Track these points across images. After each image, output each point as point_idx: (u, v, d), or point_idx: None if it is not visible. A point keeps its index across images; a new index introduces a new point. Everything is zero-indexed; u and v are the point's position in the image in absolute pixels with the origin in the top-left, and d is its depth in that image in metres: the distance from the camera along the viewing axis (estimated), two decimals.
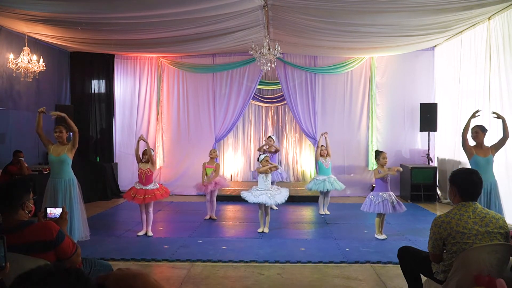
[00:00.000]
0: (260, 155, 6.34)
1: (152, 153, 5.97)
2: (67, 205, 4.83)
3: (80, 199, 5.18)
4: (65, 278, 0.98)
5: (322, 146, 7.32)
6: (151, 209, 5.95)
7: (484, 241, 2.61)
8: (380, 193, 5.63)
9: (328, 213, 7.39)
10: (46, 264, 1.02)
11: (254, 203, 6.07)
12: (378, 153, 5.82)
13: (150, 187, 5.81)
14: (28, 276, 0.97)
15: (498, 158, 5.25)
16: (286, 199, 6.19)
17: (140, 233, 5.92)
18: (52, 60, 8.62)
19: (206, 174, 6.87)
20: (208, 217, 6.98)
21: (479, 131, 5.13)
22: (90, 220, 6.94)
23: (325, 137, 7.30)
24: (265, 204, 6.00)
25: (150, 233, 5.93)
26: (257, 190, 6.02)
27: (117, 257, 4.89)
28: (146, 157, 5.87)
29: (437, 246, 2.77)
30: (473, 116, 5.28)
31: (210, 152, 7.00)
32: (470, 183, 2.76)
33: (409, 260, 3.16)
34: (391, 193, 5.70)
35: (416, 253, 3.14)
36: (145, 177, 5.82)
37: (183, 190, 9.09)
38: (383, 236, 5.69)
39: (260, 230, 6.12)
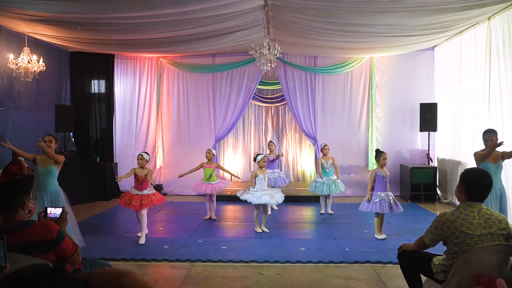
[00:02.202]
0: (257, 155, 6.27)
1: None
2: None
3: (68, 208, 4.92)
4: (50, 278, 0.98)
5: (325, 145, 7.23)
6: (144, 212, 5.64)
7: (486, 242, 2.61)
8: (378, 193, 5.62)
9: (331, 212, 7.35)
10: (31, 265, 1.02)
11: (252, 204, 6.05)
12: (378, 153, 5.75)
13: (146, 192, 5.61)
14: (12, 278, 0.97)
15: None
16: (283, 198, 6.24)
17: (140, 234, 5.78)
18: (52, 60, 8.62)
19: (205, 174, 6.84)
20: (208, 217, 6.96)
21: (494, 137, 4.94)
22: (90, 220, 6.96)
23: (335, 165, 7.23)
24: (263, 205, 6.00)
25: (142, 241, 5.53)
26: (257, 191, 5.99)
27: (117, 257, 4.89)
28: (141, 163, 5.72)
29: (435, 241, 2.78)
30: (498, 145, 4.80)
31: (206, 152, 6.95)
32: (479, 185, 2.74)
33: (409, 260, 3.16)
34: (390, 193, 5.68)
35: (416, 253, 3.13)
36: (142, 183, 5.64)
37: (183, 190, 9.08)
38: (382, 236, 5.68)
39: (258, 230, 6.09)
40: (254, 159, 6.30)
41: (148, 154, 5.96)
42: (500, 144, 4.81)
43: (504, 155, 5.02)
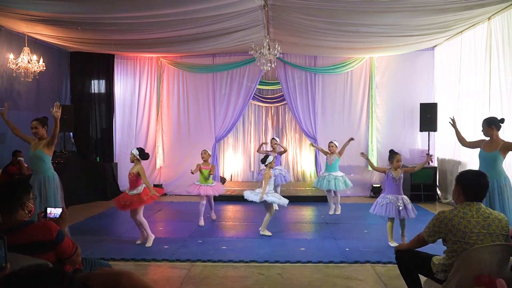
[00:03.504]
0: (268, 156, 5.99)
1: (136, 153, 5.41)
2: (41, 204, 4.45)
3: (58, 198, 4.80)
4: (49, 278, 0.98)
5: (330, 142, 7.23)
6: (137, 217, 5.35)
7: (486, 242, 2.61)
8: (387, 196, 5.40)
9: (338, 213, 7.27)
10: (30, 265, 1.02)
11: (258, 206, 6.03)
12: (392, 154, 5.54)
13: (132, 192, 5.28)
14: (12, 278, 0.97)
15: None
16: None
17: (138, 241, 5.52)
18: (52, 60, 8.62)
19: (203, 175, 6.54)
20: (202, 223, 6.52)
21: (484, 126, 4.89)
22: (90, 220, 6.96)
23: (351, 141, 7.25)
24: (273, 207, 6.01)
25: (139, 241, 5.49)
26: (274, 192, 5.92)
27: (117, 257, 4.88)
28: (130, 158, 5.45)
29: (433, 238, 2.81)
30: (454, 125, 5.43)
31: (201, 153, 6.65)
32: (476, 185, 2.76)
33: (408, 260, 3.16)
34: (402, 196, 5.35)
35: (413, 254, 3.13)
36: (130, 182, 5.36)
37: (183, 190, 9.08)
38: (394, 244, 5.20)
39: (267, 233, 5.89)
40: (264, 161, 5.98)
41: (137, 149, 5.48)
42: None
43: (506, 146, 4.75)
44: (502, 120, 4.92)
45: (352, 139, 7.30)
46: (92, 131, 9.63)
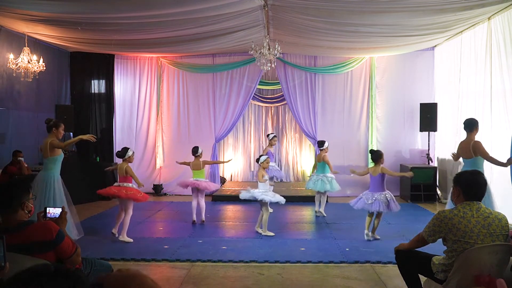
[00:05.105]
0: (260, 156, 6.15)
1: None
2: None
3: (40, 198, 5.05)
4: (54, 278, 0.98)
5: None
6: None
7: (486, 241, 2.61)
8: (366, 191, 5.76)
9: (323, 213, 7.20)
10: (35, 265, 1.03)
11: (258, 206, 6.01)
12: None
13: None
14: (16, 278, 0.98)
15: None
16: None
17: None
18: (52, 60, 8.62)
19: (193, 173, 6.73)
20: (194, 220, 6.56)
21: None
22: (91, 220, 6.95)
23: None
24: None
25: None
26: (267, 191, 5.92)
27: (117, 257, 4.88)
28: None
29: (433, 237, 2.81)
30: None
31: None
32: (476, 184, 2.78)
33: (408, 260, 3.16)
34: (380, 193, 5.54)
35: (413, 254, 3.13)
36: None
37: (182, 190, 9.03)
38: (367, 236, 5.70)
39: (271, 234, 5.92)
40: (257, 160, 6.12)
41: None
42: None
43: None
44: (465, 122, 5.31)
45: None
46: (92, 131, 9.60)
